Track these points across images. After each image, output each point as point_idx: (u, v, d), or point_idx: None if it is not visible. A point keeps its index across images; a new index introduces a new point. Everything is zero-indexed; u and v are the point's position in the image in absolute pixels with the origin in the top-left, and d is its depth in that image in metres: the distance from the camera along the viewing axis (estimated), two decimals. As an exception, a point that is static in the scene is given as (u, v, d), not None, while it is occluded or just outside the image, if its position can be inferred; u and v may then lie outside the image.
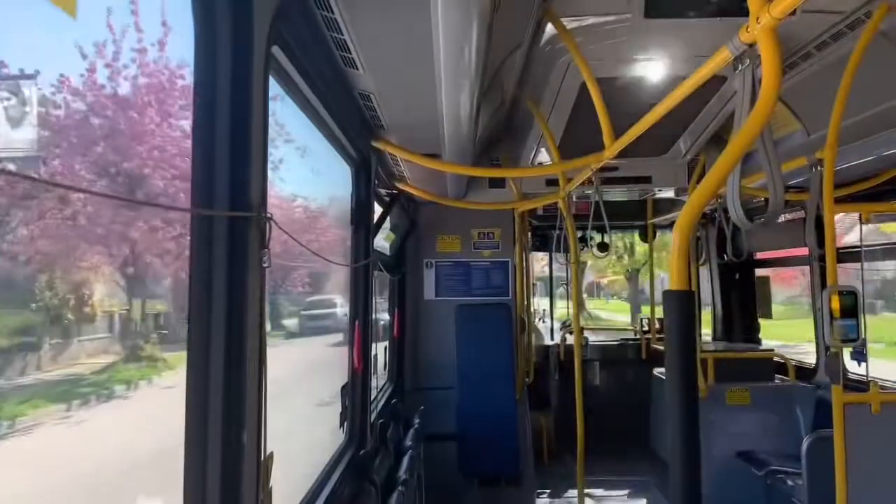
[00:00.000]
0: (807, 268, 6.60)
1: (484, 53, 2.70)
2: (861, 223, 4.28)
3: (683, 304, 1.92)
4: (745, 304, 8.03)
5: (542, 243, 9.29)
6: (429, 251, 6.90)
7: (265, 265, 1.90)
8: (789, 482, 5.40)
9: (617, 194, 6.45)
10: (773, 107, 1.93)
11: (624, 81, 4.11)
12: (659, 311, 8.83)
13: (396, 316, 6.58)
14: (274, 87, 2.18)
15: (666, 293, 1.94)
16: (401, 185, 5.45)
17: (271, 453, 2.03)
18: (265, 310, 1.93)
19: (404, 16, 2.44)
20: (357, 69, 2.94)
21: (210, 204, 1.72)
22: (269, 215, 1.92)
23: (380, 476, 4.08)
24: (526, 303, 7.26)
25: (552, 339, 9.57)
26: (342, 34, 2.55)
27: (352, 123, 3.60)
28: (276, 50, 2.16)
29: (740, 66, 2.10)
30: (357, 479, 3.84)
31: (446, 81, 2.91)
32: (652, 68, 4.00)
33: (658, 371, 7.34)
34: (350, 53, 2.74)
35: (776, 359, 6.60)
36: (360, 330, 4.14)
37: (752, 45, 2.05)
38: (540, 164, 5.86)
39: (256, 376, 1.89)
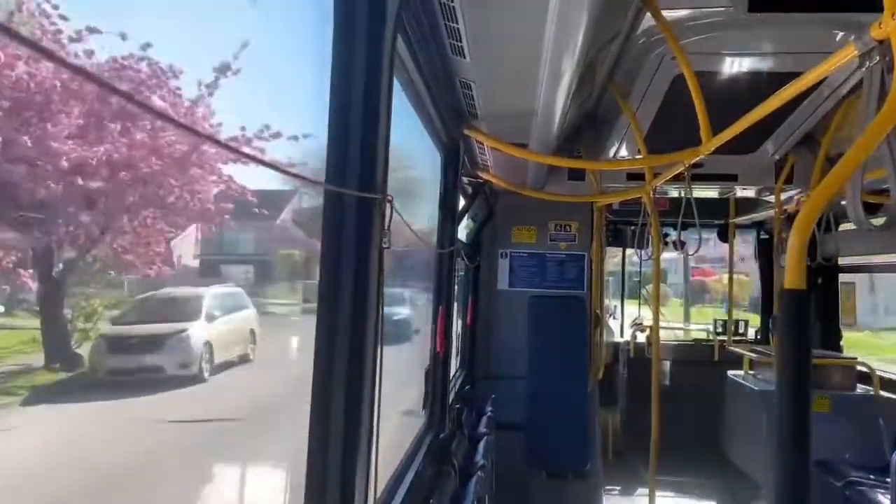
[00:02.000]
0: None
1: (588, 45, 2.71)
2: None
3: (800, 303, 1.90)
4: (827, 310, 7.80)
5: (615, 238, 9.19)
6: (504, 241, 6.92)
7: (386, 246, 1.97)
8: (870, 494, 5.25)
9: (698, 192, 6.34)
10: None
11: (721, 76, 4.05)
12: (736, 313, 8.65)
13: (470, 304, 6.64)
14: None
15: (782, 292, 1.92)
16: (483, 174, 5.49)
17: (378, 430, 2.10)
18: (383, 290, 2.00)
19: (518, 7, 2.47)
20: (464, 57, 2.98)
21: (342, 183, 1.79)
22: (390, 198, 1.98)
23: (457, 461, 4.14)
24: (600, 298, 7.22)
25: (622, 336, 9.48)
26: (456, 23, 2.59)
27: (448, 110, 3.66)
28: (397, 39, 2.23)
29: (868, 62, 2.06)
30: (437, 462, 3.92)
31: (549, 72, 2.93)
32: (752, 64, 3.92)
33: (733, 374, 7.21)
34: (460, 41, 2.79)
35: (860, 368, 6.40)
36: (444, 315, 4.21)
37: (881, 42, 2.01)
38: (621, 157, 5.81)
39: (373, 354, 1.96)
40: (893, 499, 4.44)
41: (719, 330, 8.90)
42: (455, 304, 4.78)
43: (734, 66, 3.96)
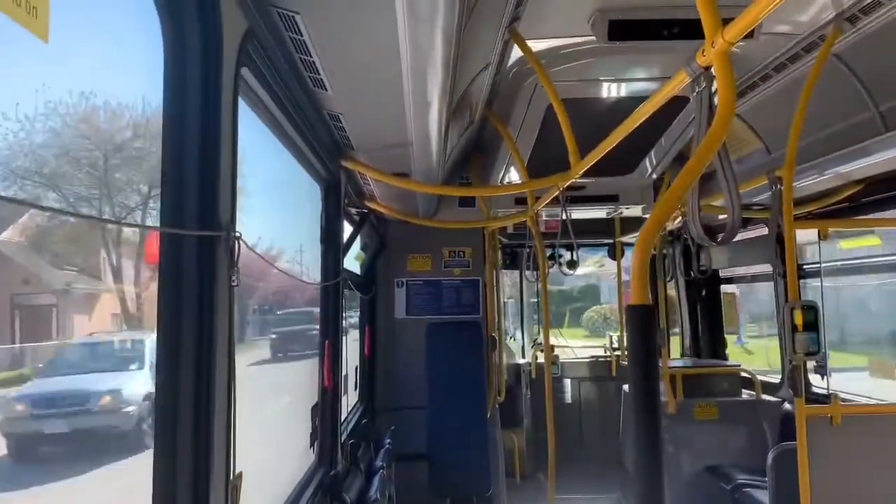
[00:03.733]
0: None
1: (451, 74, 2.75)
2: (819, 240, 4.40)
3: (644, 317, 1.96)
4: (711, 320, 8.14)
5: (513, 261, 9.35)
6: (399, 270, 6.91)
7: (234, 284, 1.91)
8: (757, 495, 5.47)
9: (585, 212, 6.55)
10: (728, 127, 2.00)
11: (589, 102, 4.20)
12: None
13: (367, 335, 6.58)
14: (242, 108, 2.20)
15: (628, 308, 1.98)
16: (370, 204, 5.47)
17: (240, 473, 2.03)
18: (234, 329, 1.94)
19: (371, 37, 2.48)
20: (325, 90, 2.97)
21: (180, 223, 1.73)
22: (238, 234, 1.94)
23: (350, 496, 4.06)
24: (497, 321, 7.30)
25: (523, 357, 9.60)
26: (310, 55, 2.58)
27: (321, 143, 3.63)
28: (245, 71, 2.19)
29: (697, 87, 2.17)
30: (328, 499, 3.83)
31: (414, 101, 2.95)
32: (615, 89, 4.09)
33: (627, 387, 7.40)
34: (318, 74, 2.77)
35: (743, 374, 6.70)
36: (331, 349, 4.14)
37: (707, 68, 2.12)
38: (509, 182, 5.93)
39: (225, 396, 1.89)
40: (772, 495, 4.63)
41: (615, 346, 9.15)
42: (345, 337, 4.72)
43: (601, 91, 4.12)
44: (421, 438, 6.44)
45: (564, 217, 4.53)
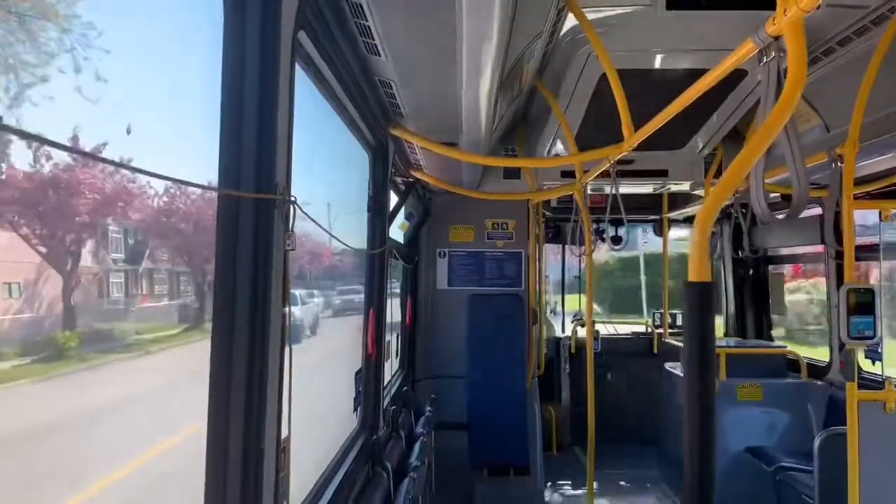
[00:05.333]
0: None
1: (505, 42, 2.70)
2: (880, 220, 4.26)
3: (703, 295, 1.92)
4: (758, 300, 7.99)
5: (555, 235, 9.28)
6: (442, 241, 6.90)
7: (289, 248, 1.92)
8: (799, 478, 5.39)
9: (632, 187, 6.45)
10: (798, 99, 1.92)
11: (643, 73, 4.10)
12: (672, 306, 8.80)
13: (409, 304, 6.60)
14: (297, 72, 2.19)
15: (685, 284, 1.94)
16: (416, 174, 5.45)
17: (289, 436, 2.05)
18: (289, 293, 1.95)
19: (429, 3, 2.44)
20: (379, 56, 2.94)
21: (236, 185, 1.73)
22: (293, 198, 1.94)
23: (391, 462, 4.10)
24: (538, 294, 7.26)
25: (563, 331, 9.57)
26: (366, 20, 2.55)
27: (371, 110, 3.61)
28: (301, 35, 2.17)
29: (765, 58, 2.09)
30: (369, 464, 3.87)
31: (467, 70, 2.91)
32: (672, 61, 3.98)
33: (669, 366, 7.33)
34: (373, 39, 2.74)
35: (789, 356, 6.58)
36: (375, 316, 4.16)
37: (777, 38, 2.04)
38: (556, 155, 5.85)
39: (279, 360, 1.91)
40: (818, 479, 4.56)
41: (657, 323, 9.05)
42: (390, 305, 4.74)
43: (656, 62, 4.02)
44: (459, 408, 6.47)
45: (614, 191, 4.45)
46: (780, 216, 2.32)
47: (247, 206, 1.77)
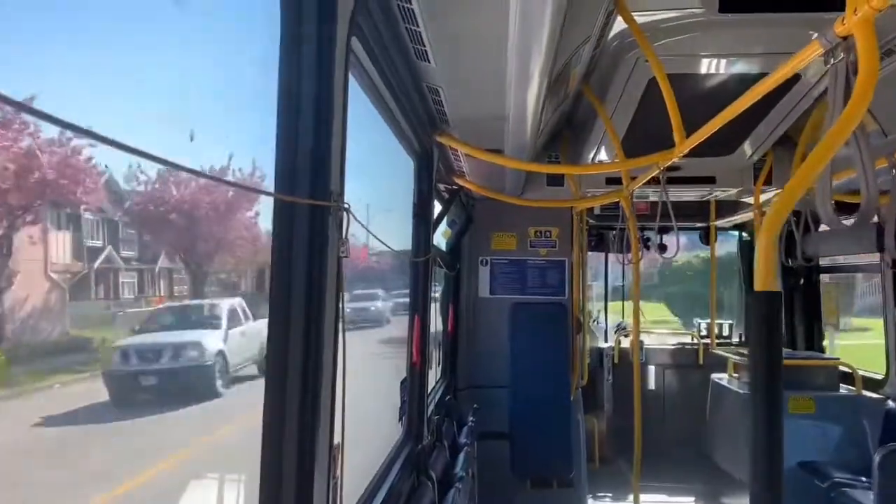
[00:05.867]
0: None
1: (555, 48, 2.67)
2: None
3: (770, 304, 1.85)
4: (809, 310, 7.79)
5: (598, 243, 9.18)
6: (484, 248, 6.86)
7: (343, 255, 1.90)
8: (855, 495, 5.22)
9: (676, 195, 6.34)
10: (869, 101, 1.85)
11: (692, 78, 4.02)
12: (719, 316, 8.63)
13: (451, 312, 6.57)
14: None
15: (752, 294, 1.88)
16: (459, 181, 5.43)
17: (341, 442, 2.03)
18: (342, 301, 1.93)
19: (480, 9, 2.42)
20: (428, 62, 2.93)
21: (292, 191, 1.72)
22: (347, 205, 1.92)
23: (436, 472, 4.07)
24: (581, 304, 7.18)
25: (606, 341, 9.45)
26: (418, 26, 2.54)
27: (418, 117, 3.60)
28: (353, 41, 2.16)
29: (832, 59, 2.02)
30: (415, 474, 3.85)
31: (517, 75, 2.88)
32: (724, 65, 3.90)
33: (716, 377, 7.18)
34: (423, 45, 2.73)
35: (843, 368, 6.38)
36: (419, 324, 4.14)
37: (845, 38, 1.97)
38: (600, 161, 5.78)
39: (331, 366, 1.89)
40: (877, 497, 4.40)
41: (703, 333, 8.88)
42: (433, 313, 4.71)
43: (707, 67, 3.94)
44: (501, 418, 6.41)
45: (664, 198, 4.37)
46: (848, 221, 2.24)
47: (302, 212, 1.76)
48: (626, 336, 8.97)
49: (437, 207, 5.26)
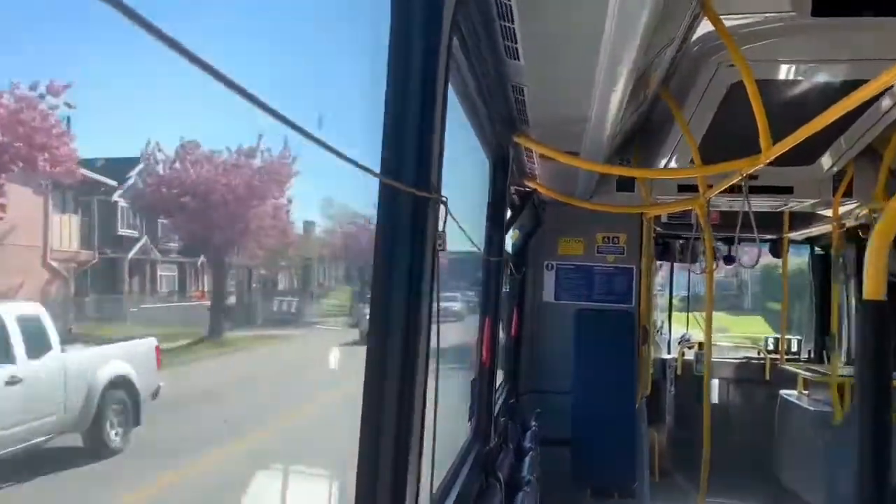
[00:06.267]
0: None
1: (644, 49, 2.63)
2: None
3: (879, 313, 1.79)
4: None
5: (663, 252, 9.01)
6: (550, 252, 6.81)
7: (440, 248, 1.90)
8: None
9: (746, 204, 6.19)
10: None
11: (776, 84, 3.91)
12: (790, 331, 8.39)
13: (515, 316, 6.54)
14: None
15: (860, 302, 1.81)
16: (530, 183, 5.41)
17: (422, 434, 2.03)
18: (438, 293, 1.93)
19: (579, 5, 2.40)
20: (518, 59, 2.92)
21: (398, 178, 1.73)
22: (444, 198, 1.92)
23: (503, 474, 4.05)
24: (649, 312, 7.07)
25: (669, 352, 9.27)
26: (513, 23, 2.53)
27: (500, 115, 3.59)
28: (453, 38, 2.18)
29: None
30: (483, 475, 3.83)
31: (605, 76, 2.86)
32: (815, 71, 3.78)
33: (786, 394, 6.98)
34: (515, 43, 2.72)
35: None
36: (490, 325, 4.13)
37: None
38: (672, 168, 5.68)
39: (425, 358, 1.89)
40: None
41: (770, 348, 8.65)
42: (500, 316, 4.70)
43: (794, 73, 3.83)
44: (561, 424, 6.35)
45: (746, 207, 4.26)
46: None
47: (406, 201, 1.77)
48: (689, 348, 8.80)
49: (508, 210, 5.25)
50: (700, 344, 8.33)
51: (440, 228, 1.91)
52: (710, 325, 5.52)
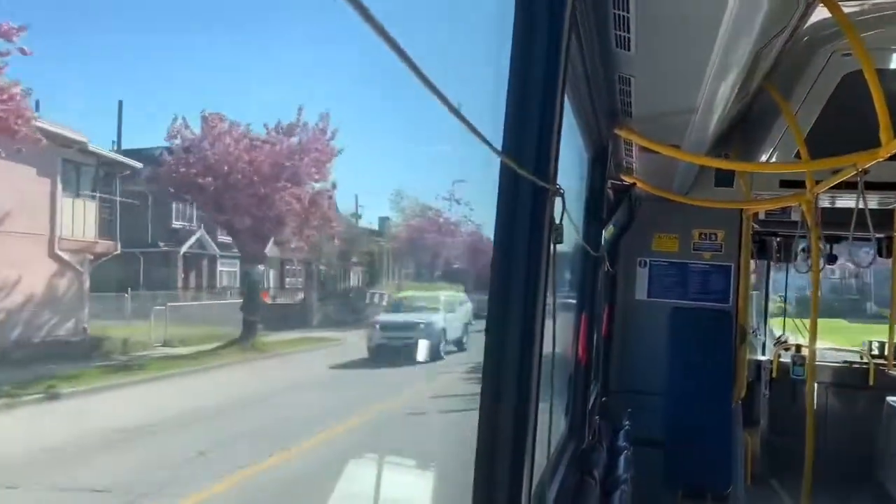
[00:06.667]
0: None
1: (757, 38, 2.54)
2: None
3: None
4: None
5: (760, 250, 8.69)
6: (644, 249, 6.65)
7: (557, 240, 1.88)
8: None
9: (849, 201, 5.89)
10: None
11: (891, 74, 3.70)
12: None
13: (606, 313, 6.43)
14: None
15: None
16: (626, 178, 5.29)
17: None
18: (554, 286, 1.91)
19: None
20: (628, 49, 2.85)
21: (519, 163, 1.71)
22: (562, 190, 1.90)
23: (598, 472, 3.99)
24: (747, 312, 6.83)
25: (763, 353, 8.95)
26: (628, 11, 2.47)
27: (603, 108, 3.53)
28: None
29: None
30: (579, 473, 3.79)
31: (718, 65, 2.77)
32: None
33: (893, 400, 6.62)
34: (628, 32, 2.66)
35: None
36: (587, 322, 4.08)
37: None
38: (778, 162, 5.45)
39: (539, 352, 1.88)
40: None
41: (874, 352, 8.22)
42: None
43: None
44: (652, 424, 6.20)
45: (861, 204, 4.04)
46: None
47: (526, 192, 1.75)
48: (785, 350, 8.47)
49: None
50: (798, 346, 8.00)
51: (559, 220, 1.89)
52: (814, 329, 5.28)
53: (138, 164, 28.20)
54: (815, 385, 8.13)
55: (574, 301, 4.51)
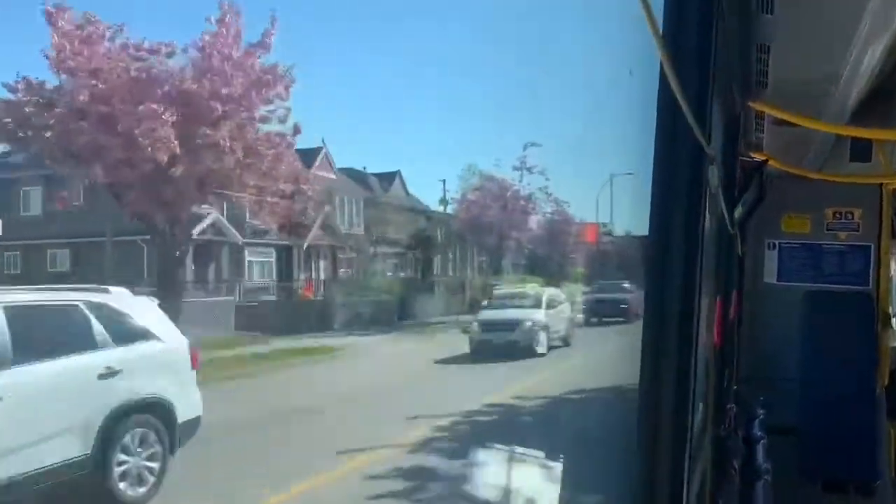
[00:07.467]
0: None
1: None
2: None
3: None
4: None
5: None
6: (773, 230, 6.33)
7: (712, 213, 1.81)
8: None
9: None
10: None
11: None
12: None
13: (735, 297, 6.18)
14: None
15: None
16: (756, 154, 5.05)
17: None
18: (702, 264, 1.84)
19: None
20: (770, 13, 2.69)
21: (675, 128, 1.66)
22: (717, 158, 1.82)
23: (736, 462, 3.84)
24: (890, 295, 6.40)
25: None
26: None
27: (735, 79, 3.36)
28: None
29: None
30: (716, 461, 3.66)
31: (869, 29, 2.57)
32: None
33: None
34: None
35: None
36: (722, 305, 3.92)
37: None
38: None
39: (695, 342, 1.82)
40: None
41: None
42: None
43: None
44: (784, 412, 5.91)
45: None
46: None
47: (682, 155, 1.69)
48: None
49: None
50: None
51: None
52: None
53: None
54: None
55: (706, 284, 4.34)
